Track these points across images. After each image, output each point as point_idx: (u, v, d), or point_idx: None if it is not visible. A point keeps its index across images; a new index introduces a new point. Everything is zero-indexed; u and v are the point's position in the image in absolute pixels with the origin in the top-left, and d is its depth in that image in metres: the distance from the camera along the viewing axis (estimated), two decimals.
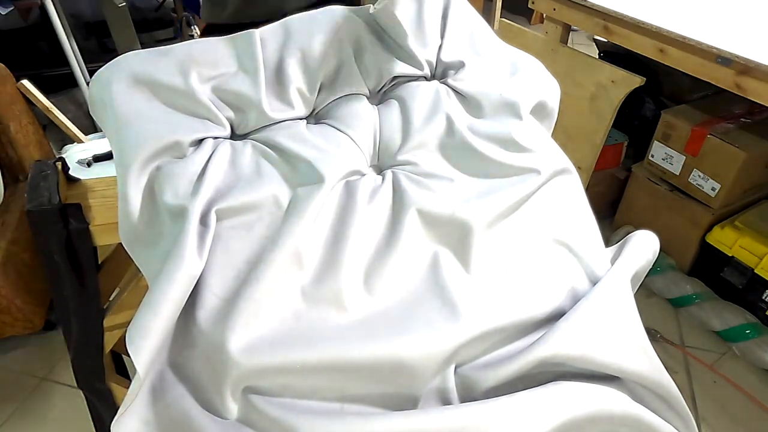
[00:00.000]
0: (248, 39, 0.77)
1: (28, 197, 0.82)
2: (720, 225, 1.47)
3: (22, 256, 1.27)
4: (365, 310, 0.62)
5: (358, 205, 0.70)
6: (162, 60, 0.75)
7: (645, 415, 0.62)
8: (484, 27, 0.89)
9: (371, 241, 0.67)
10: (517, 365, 0.59)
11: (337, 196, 0.70)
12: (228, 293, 0.60)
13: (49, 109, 1.55)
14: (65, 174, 0.93)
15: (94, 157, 1.48)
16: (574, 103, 1.52)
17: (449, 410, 0.56)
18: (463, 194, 0.71)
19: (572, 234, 0.73)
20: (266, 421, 0.56)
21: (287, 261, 0.62)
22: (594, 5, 1.37)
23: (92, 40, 2.39)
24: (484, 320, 0.62)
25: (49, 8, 1.74)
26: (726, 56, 1.09)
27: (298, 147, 0.72)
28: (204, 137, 0.73)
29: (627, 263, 0.70)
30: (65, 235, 0.83)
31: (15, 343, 1.44)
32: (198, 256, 0.61)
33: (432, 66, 0.84)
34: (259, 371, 0.57)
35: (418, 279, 0.66)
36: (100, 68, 0.75)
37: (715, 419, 1.26)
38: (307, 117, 0.80)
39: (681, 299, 1.52)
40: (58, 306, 0.87)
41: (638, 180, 1.65)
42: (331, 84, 0.80)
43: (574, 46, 1.60)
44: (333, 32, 0.81)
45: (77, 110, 2.05)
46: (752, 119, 1.48)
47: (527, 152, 0.74)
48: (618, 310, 0.65)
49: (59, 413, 1.28)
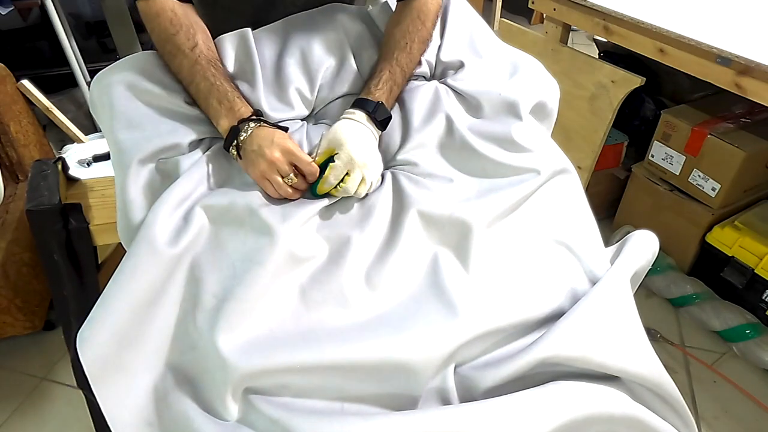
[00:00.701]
0: (244, 40, 0.77)
1: (28, 197, 0.82)
2: (720, 225, 1.47)
3: (22, 256, 1.26)
4: (367, 309, 0.62)
5: (358, 206, 0.70)
6: (161, 63, 0.75)
7: (645, 415, 0.62)
8: (483, 27, 0.89)
9: (372, 241, 0.67)
10: (517, 365, 0.59)
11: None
12: (225, 293, 0.60)
13: (49, 109, 1.55)
14: (65, 174, 0.93)
15: (94, 157, 1.48)
16: (574, 103, 1.52)
17: (449, 410, 0.56)
18: (463, 194, 0.71)
19: (572, 234, 0.73)
20: (266, 422, 0.56)
21: (284, 261, 0.62)
22: (594, 5, 1.37)
23: (92, 40, 2.39)
24: (483, 320, 0.61)
25: (49, 8, 1.74)
26: (726, 56, 1.09)
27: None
28: (203, 138, 0.73)
29: (627, 263, 0.70)
30: (65, 235, 0.83)
31: (15, 343, 1.44)
32: (168, 245, 0.61)
33: (431, 66, 0.84)
34: (257, 373, 0.57)
35: (418, 279, 0.66)
36: (101, 70, 0.76)
37: (715, 419, 1.26)
38: (307, 117, 0.80)
39: (681, 299, 1.52)
40: (58, 306, 0.87)
41: (638, 180, 1.65)
42: (330, 84, 0.80)
43: (574, 46, 1.60)
44: (332, 32, 0.81)
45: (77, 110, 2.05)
46: (752, 119, 1.47)
47: (527, 152, 0.74)
48: (618, 310, 0.65)
49: (59, 413, 1.28)
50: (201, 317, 0.60)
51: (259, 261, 0.61)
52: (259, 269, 0.60)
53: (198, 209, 0.64)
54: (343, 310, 0.62)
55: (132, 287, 0.59)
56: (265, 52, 0.79)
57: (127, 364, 0.59)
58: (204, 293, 0.60)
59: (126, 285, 0.59)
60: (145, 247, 0.60)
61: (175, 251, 0.61)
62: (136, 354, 0.60)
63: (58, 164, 0.91)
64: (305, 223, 0.65)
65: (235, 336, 0.58)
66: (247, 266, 0.61)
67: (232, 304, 0.59)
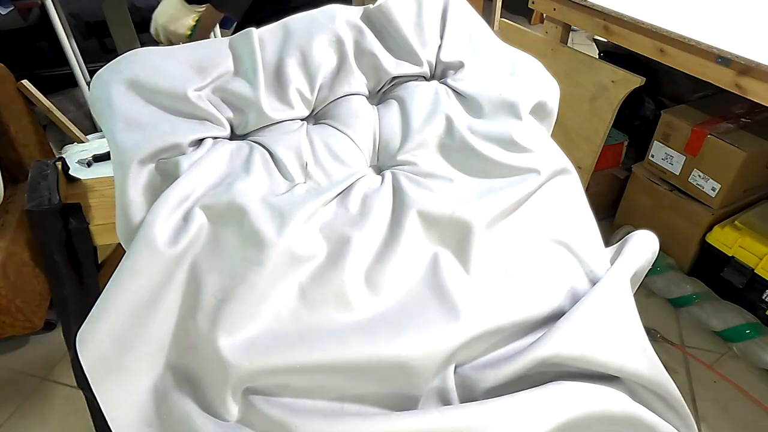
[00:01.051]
0: (247, 39, 0.77)
1: (28, 197, 0.82)
2: (720, 225, 1.47)
3: (22, 256, 1.27)
4: (368, 308, 0.62)
5: (358, 206, 0.70)
6: (162, 60, 0.75)
7: (645, 415, 0.62)
8: (483, 27, 0.89)
9: (372, 241, 0.67)
10: (517, 365, 0.59)
11: (338, 197, 0.70)
12: (224, 294, 0.60)
13: (49, 109, 1.55)
14: (65, 174, 0.93)
15: (94, 157, 1.48)
16: (574, 103, 1.52)
17: (449, 410, 0.56)
18: (463, 194, 0.71)
19: (572, 234, 0.73)
20: (266, 422, 0.56)
21: (284, 261, 0.62)
22: (594, 5, 1.37)
23: (92, 40, 2.39)
24: (483, 320, 0.62)
25: (49, 8, 1.74)
26: (726, 56, 1.09)
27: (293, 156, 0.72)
28: (203, 137, 0.73)
29: (626, 263, 0.70)
30: (65, 235, 0.83)
31: (15, 343, 1.44)
32: (167, 246, 0.61)
33: (431, 66, 0.84)
34: (257, 372, 0.57)
35: (418, 279, 0.66)
36: (101, 68, 0.75)
37: (715, 419, 1.26)
38: (307, 117, 0.80)
39: (681, 299, 1.52)
40: (58, 306, 0.87)
41: (638, 180, 1.65)
42: (330, 84, 0.80)
43: (574, 46, 1.60)
44: (332, 32, 0.81)
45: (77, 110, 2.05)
46: (752, 119, 1.48)
47: (527, 152, 0.74)
48: (618, 310, 0.65)
49: (59, 413, 1.28)
50: (201, 317, 0.60)
51: (259, 261, 0.61)
52: (258, 269, 0.60)
53: (197, 209, 0.64)
54: (344, 310, 0.62)
55: (131, 287, 0.59)
56: (265, 52, 0.79)
57: (127, 364, 0.59)
58: (204, 293, 0.60)
59: (125, 285, 0.59)
60: (144, 248, 0.60)
61: (174, 251, 0.61)
62: (136, 354, 0.60)
63: (59, 164, 0.91)
64: (305, 222, 0.65)
65: (234, 336, 0.58)
66: (246, 266, 0.61)
67: (232, 305, 0.59)
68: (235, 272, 0.61)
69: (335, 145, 0.75)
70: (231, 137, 0.74)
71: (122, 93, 0.72)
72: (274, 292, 0.61)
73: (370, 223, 0.67)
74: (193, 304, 0.61)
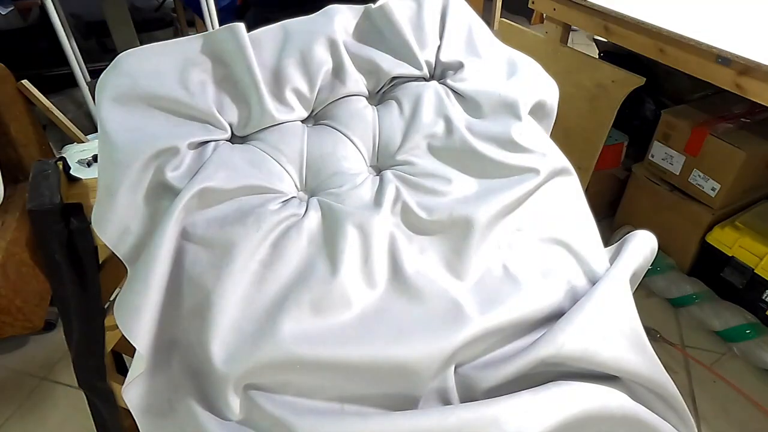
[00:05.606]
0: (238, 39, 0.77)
1: (30, 197, 0.82)
2: (720, 225, 1.47)
3: (22, 256, 1.26)
4: (368, 309, 0.62)
5: (357, 207, 0.70)
6: (160, 61, 0.75)
7: (644, 415, 0.62)
8: (482, 28, 0.89)
9: (371, 241, 0.67)
10: (517, 365, 0.59)
11: (338, 197, 0.70)
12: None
13: (49, 109, 1.55)
14: (66, 174, 0.93)
15: (94, 157, 1.48)
16: (574, 103, 1.52)
17: (449, 410, 0.56)
18: (462, 194, 0.71)
19: (571, 234, 0.73)
20: (267, 421, 0.56)
21: (284, 261, 0.62)
22: (594, 5, 1.37)
23: (92, 40, 2.39)
24: (483, 320, 0.62)
25: (49, 8, 1.74)
26: (726, 56, 1.09)
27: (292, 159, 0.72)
28: (203, 140, 0.73)
29: (626, 263, 0.70)
30: (66, 235, 0.83)
31: (15, 343, 1.44)
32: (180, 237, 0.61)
33: (431, 66, 0.84)
34: (257, 367, 0.57)
35: (418, 279, 0.66)
36: (102, 70, 0.75)
37: (715, 419, 1.26)
38: (307, 118, 0.80)
39: (681, 299, 1.52)
40: (59, 306, 0.87)
41: (638, 180, 1.65)
42: (330, 85, 0.80)
43: (574, 46, 1.60)
44: (332, 33, 0.81)
45: (77, 110, 2.05)
46: (752, 119, 1.48)
47: (526, 152, 0.74)
48: (617, 310, 0.65)
49: (59, 413, 1.28)
50: (201, 317, 0.60)
51: (259, 261, 0.61)
52: (260, 269, 0.60)
53: (197, 216, 0.64)
54: (344, 310, 0.62)
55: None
56: (264, 53, 0.78)
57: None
58: (203, 296, 0.61)
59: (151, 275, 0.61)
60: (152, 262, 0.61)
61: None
62: None
63: (59, 164, 0.91)
64: (305, 221, 0.65)
65: (234, 336, 0.58)
66: (246, 267, 0.61)
67: (230, 306, 0.59)
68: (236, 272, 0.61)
69: (335, 147, 0.75)
70: (231, 139, 0.74)
71: (119, 97, 0.72)
72: (275, 292, 0.61)
73: (369, 222, 0.67)
74: (192, 306, 0.61)
